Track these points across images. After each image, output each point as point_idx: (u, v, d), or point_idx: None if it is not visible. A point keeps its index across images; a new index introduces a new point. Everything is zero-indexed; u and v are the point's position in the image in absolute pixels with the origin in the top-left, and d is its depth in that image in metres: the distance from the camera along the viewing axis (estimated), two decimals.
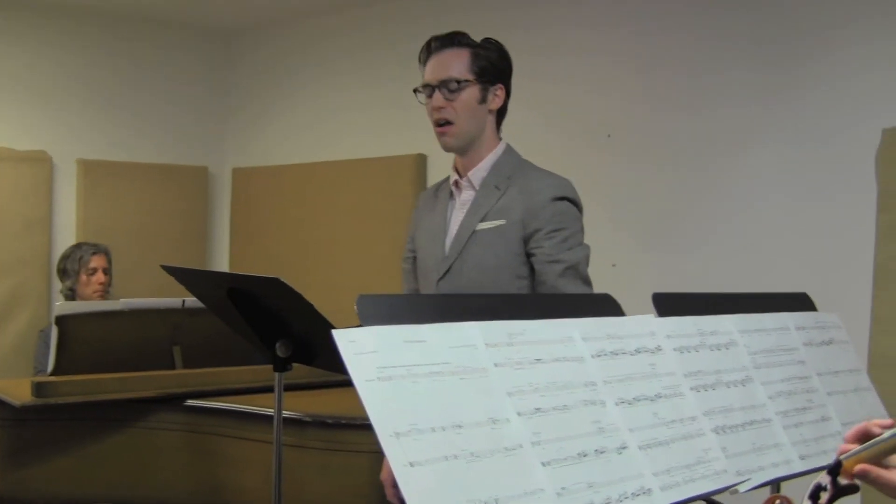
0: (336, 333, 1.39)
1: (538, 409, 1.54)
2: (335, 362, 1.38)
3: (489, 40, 2.95)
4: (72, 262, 5.53)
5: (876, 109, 4.13)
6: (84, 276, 5.48)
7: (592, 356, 1.69)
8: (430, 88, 2.90)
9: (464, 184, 2.95)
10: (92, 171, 6.44)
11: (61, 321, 3.79)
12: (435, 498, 1.34)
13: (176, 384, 3.76)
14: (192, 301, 3.71)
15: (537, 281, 2.79)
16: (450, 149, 2.94)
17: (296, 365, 2.90)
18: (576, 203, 2.87)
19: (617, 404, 1.66)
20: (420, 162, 5.86)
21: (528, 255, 2.81)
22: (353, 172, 6.24)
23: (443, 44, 2.91)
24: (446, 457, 1.38)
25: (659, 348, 1.83)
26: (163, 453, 3.61)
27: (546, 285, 2.77)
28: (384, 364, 1.40)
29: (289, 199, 6.66)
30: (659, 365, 1.80)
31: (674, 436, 1.72)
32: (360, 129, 6.30)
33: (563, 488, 1.48)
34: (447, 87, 2.86)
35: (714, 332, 1.98)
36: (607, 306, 1.87)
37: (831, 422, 2.14)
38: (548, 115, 5.25)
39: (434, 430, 1.39)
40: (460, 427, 1.42)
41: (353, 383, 1.37)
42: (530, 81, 5.17)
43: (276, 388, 2.86)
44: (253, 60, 7.10)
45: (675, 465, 1.68)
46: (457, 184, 2.97)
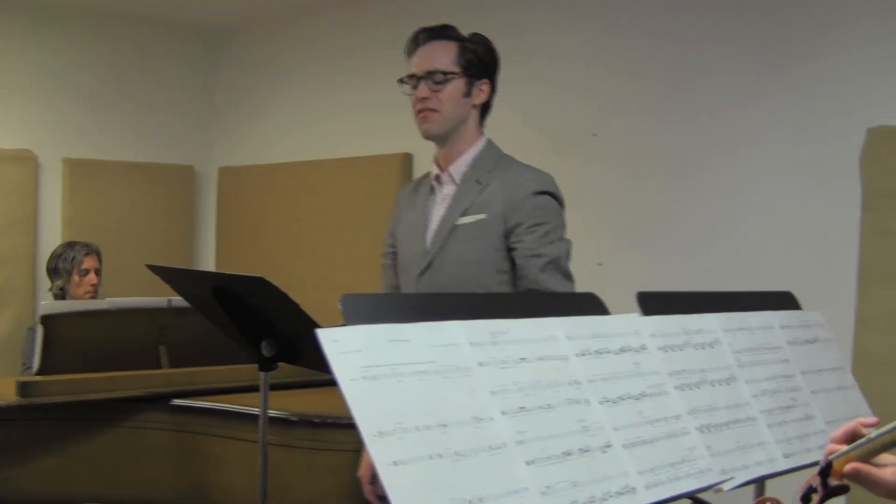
0: (320, 333, 1.39)
1: (522, 407, 1.54)
2: (320, 361, 1.38)
3: (477, 35, 2.97)
4: (64, 262, 5.48)
5: (860, 109, 4.14)
6: (76, 277, 5.44)
7: (577, 355, 1.69)
8: (416, 79, 2.90)
9: (445, 178, 2.95)
10: (77, 169, 6.42)
11: (47, 320, 3.78)
12: (419, 497, 1.34)
13: (162, 383, 3.75)
14: (178, 300, 3.70)
15: (518, 275, 2.79)
16: (430, 135, 2.93)
17: (282, 364, 2.90)
18: (557, 197, 2.88)
19: (601, 403, 1.67)
20: (406, 161, 5.85)
21: (510, 250, 2.81)
22: (340, 172, 6.23)
23: (430, 36, 2.92)
24: (430, 456, 1.38)
25: (643, 347, 1.83)
26: (149, 453, 3.60)
27: (527, 279, 2.77)
28: (368, 363, 1.40)
29: (275, 198, 6.65)
30: (643, 364, 1.80)
31: (658, 434, 1.73)
32: (346, 128, 6.29)
33: (548, 487, 1.49)
34: (433, 78, 2.86)
35: (699, 331, 1.99)
36: (592, 305, 1.87)
37: (815, 420, 2.14)
38: (534, 114, 5.25)
39: (418, 430, 1.39)
40: (444, 426, 1.42)
41: (337, 382, 1.37)
42: (516, 83, 5.17)
43: (262, 388, 2.86)
44: (239, 60, 7.08)
45: (660, 464, 1.69)
46: (438, 178, 2.97)
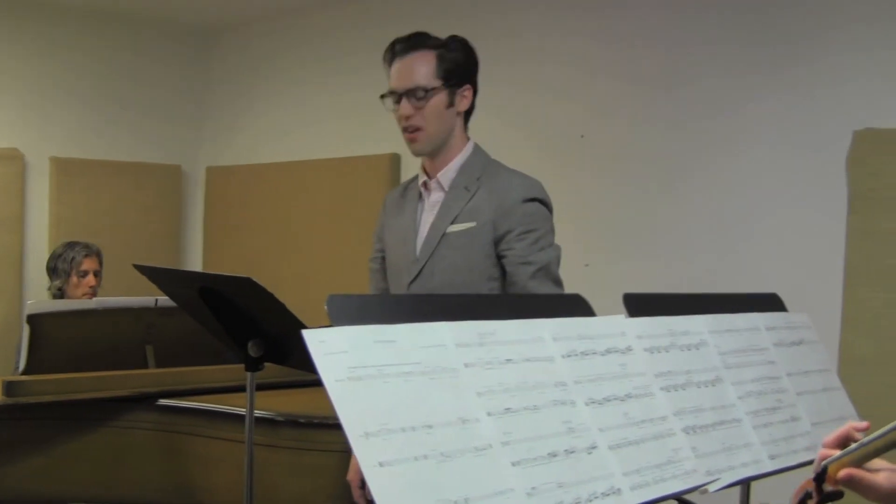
0: (306, 333, 1.39)
1: (508, 409, 1.54)
2: (307, 362, 1.38)
3: (454, 39, 2.91)
4: (63, 262, 5.43)
5: (847, 112, 4.16)
6: (75, 278, 5.40)
7: (563, 356, 1.69)
8: (397, 95, 2.86)
9: (432, 185, 2.93)
10: (65, 168, 6.40)
11: (33, 320, 3.77)
12: (405, 498, 1.34)
13: (148, 383, 3.74)
14: (165, 300, 3.69)
15: (508, 282, 2.79)
16: (420, 154, 2.92)
17: (268, 364, 2.90)
18: (546, 203, 2.86)
19: (587, 404, 1.67)
20: (394, 161, 5.85)
21: (499, 257, 2.80)
22: (327, 172, 6.23)
23: (407, 47, 2.86)
24: (416, 457, 1.38)
25: (629, 349, 1.83)
26: (135, 452, 3.60)
27: (517, 286, 2.76)
28: (354, 364, 1.40)
29: (262, 198, 6.64)
30: (629, 365, 1.81)
31: (644, 436, 1.73)
32: (333, 128, 6.29)
33: (533, 488, 1.49)
34: (414, 95, 2.82)
35: (685, 333, 1.99)
36: (578, 307, 1.87)
37: (801, 421, 2.15)
38: (521, 116, 5.26)
39: (404, 431, 1.39)
40: (430, 427, 1.42)
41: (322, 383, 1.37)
42: (504, 85, 5.19)
43: (248, 388, 2.85)
44: (227, 59, 7.08)
45: (645, 465, 1.69)
46: (425, 185, 2.96)
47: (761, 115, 4.44)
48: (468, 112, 2.94)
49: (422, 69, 2.83)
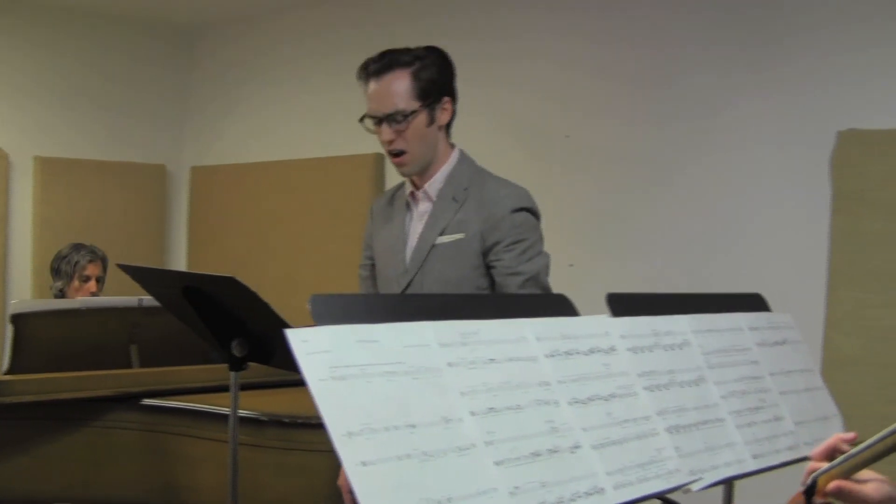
0: (289, 333, 1.39)
1: (491, 408, 1.54)
2: (291, 361, 1.38)
3: (428, 51, 2.86)
4: (67, 264, 5.38)
5: (830, 112, 4.17)
6: (77, 282, 5.36)
7: (546, 356, 1.69)
8: (377, 118, 2.84)
9: (420, 195, 2.92)
10: (49, 168, 6.39)
11: (17, 320, 3.76)
12: (388, 497, 1.34)
13: (132, 383, 3.73)
14: (149, 300, 3.69)
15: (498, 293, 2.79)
16: (408, 175, 2.92)
17: (253, 364, 2.89)
18: (534, 212, 2.86)
19: (570, 404, 1.67)
20: (378, 161, 5.85)
21: (488, 268, 2.81)
22: (312, 171, 6.23)
23: (380, 68, 2.81)
24: (399, 456, 1.38)
25: (613, 348, 1.83)
26: (119, 452, 3.58)
27: None
28: (337, 363, 1.40)
29: (246, 197, 6.64)
30: (613, 365, 1.81)
31: (627, 435, 1.73)
32: (318, 128, 6.28)
33: (516, 488, 1.49)
34: (394, 119, 2.79)
35: (668, 333, 1.99)
36: (562, 306, 1.87)
37: (784, 421, 2.15)
38: (506, 116, 5.26)
39: (387, 430, 1.39)
40: (413, 427, 1.42)
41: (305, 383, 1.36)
42: (489, 85, 5.20)
43: (232, 388, 2.85)
44: (212, 59, 7.06)
45: (628, 465, 1.69)
46: (413, 195, 2.95)
47: (745, 115, 4.45)
48: (450, 121, 2.93)
49: (398, 91, 2.79)
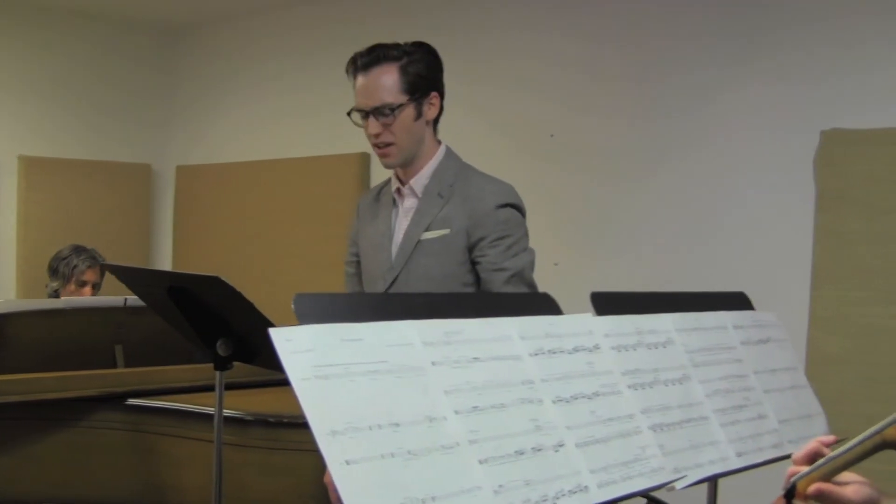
0: (273, 332, 1.39)
1: (475, 407, 1.54)
2: (275, 360, 1.38)
3: (416, 46, 2.87)
4: (65, 266, 5.33)
5: (814, 111, 4.19)
6: (72, 286, 5.32)
7: (530, 355, 1.69)
8: (364, 112, 2.85)
9: (406, 191, 2.93)
10: (33, 167, 6.37)
11: (1, 320, 3.74)
12: (371, 496, 1.34)
13: (117, 383, 3.72)
14: (134, 300, 3.68)
15: (483, 289, 2.79)
16: (392, 167, 2.92)
17: (238, 364, 2.89)
18: (519, 208, 2.87)
19: (554, 402, 1.67)
20: (364, 160, 5.85)
21: (473, 263, 2.81)
22: (297, 171, 6.23)
23: (369, 62, 2.82)
24: (383, 455, 1.38)
25: (597, 347, 1.84)
26: (104, 452, 3.57)
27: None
28: (321, 362, 1.40)
29: (232, 197, 6.63)
30: (597, 363, 1.81)
31: (611, 433, 1.73)
32: (303, 127, 6.28)
33: (501, 486, 1.49)
34: (381, 112, 2.81)
35: (652, 331, 2.00)
36: (546, 305, 1.87)
37: (768, 419, 2.16)
38: (491, 115, 5.26)
39: (371, 429, 1.39)
40: (397, 425, 1.42)
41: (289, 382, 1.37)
42: (473, 83, 5.20)
43: (217, 387, 2.85)
44: (198, 58, 7.05)
45: (613, 463, 1.69)
46: (399, 191, 2.95)
47: (729, 114, 4.46)
48: (437, 117, 2.94)
49: (386, 85, 2.80)
